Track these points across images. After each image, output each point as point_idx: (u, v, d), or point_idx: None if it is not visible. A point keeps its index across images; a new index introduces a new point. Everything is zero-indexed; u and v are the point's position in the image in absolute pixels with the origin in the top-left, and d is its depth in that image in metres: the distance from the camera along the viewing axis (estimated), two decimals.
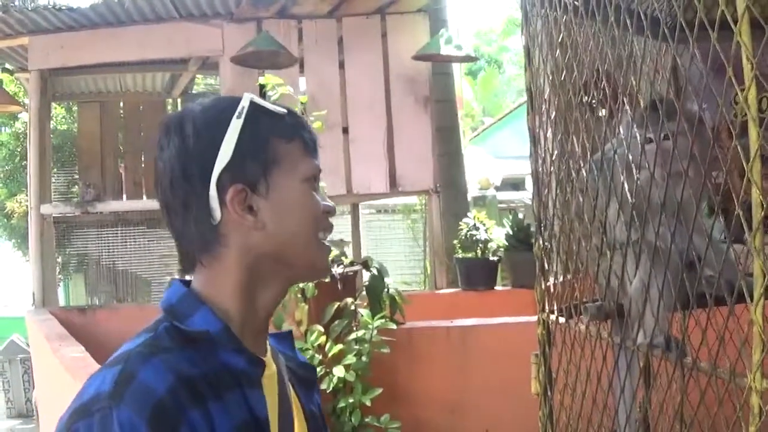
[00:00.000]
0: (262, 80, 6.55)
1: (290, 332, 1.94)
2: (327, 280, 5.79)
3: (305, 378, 1.88)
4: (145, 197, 12.13)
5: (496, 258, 8.49)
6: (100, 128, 12.38)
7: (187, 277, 1.72)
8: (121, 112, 12.86)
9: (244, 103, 1.64)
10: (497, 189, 17.60)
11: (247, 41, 8.54)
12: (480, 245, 8.39)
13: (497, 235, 8.55)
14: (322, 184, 1.97)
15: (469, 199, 11.79)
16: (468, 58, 9.44)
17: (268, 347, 1.76)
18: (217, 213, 1.61)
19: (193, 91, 12.96)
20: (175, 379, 1.49)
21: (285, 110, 1.69)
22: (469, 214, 9.00)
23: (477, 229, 8.41)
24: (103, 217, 11.94)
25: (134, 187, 12.38)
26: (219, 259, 1.64)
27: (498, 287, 8.63)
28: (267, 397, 1.66)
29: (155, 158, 1.67)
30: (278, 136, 1.65)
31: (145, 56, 9.78)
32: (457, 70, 15.61)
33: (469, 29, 41.75)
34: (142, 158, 12.56)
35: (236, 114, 1.62)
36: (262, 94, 5.95)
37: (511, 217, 8.88)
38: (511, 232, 8.33)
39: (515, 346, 4.40)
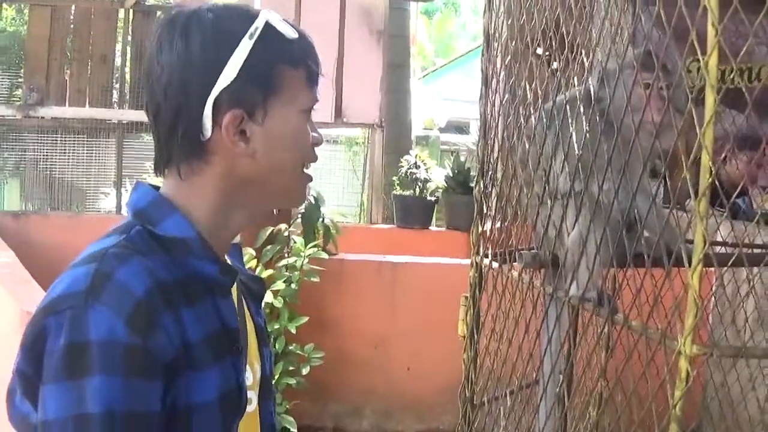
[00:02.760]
0: None
1: (239, 245, 1.90)
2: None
3: (255, 291, 1.87)
4: (88, 105, 11.94)
5: (433, 198, 8.48)
6: (50, 32, 12.12)
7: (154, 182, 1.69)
8: (72, 17, 12.61)
9: (259, 24, 1.57)
10: (441, 130, 17.60)
11: None
12: (419, 184, 8.38)
13: (437, 175, 8.54)
14: None
15: (412, 137, 11.76)
16: None
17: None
18: (208, 132, 1.56)
19: (147, 3, 12.75)
20: (152, 282, 1.46)
21: (296, 34, 1.62)
22: (411, 152, 8.98)
23: (418, 167, 8.40)
24: (43, 123, 11.72)
25: (78, 94, 12.15)
26: (199, 175, 1.60)
27: (433, 227, 8.63)
28: None
29: (150, 57, 1.61)
30: (285, 63, 1.60)
31: None
32: (414, 7, 15.50)
33: None
34: (89, 66, 12.34)
35: (248, 34, 1.56)
36: None
37: (452, 158, 8.86)
38: (451, 174, 8.32)
39: (445, 287, 4.42)
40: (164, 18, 1.62)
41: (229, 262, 1.73)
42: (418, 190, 8.40)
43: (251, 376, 1.75)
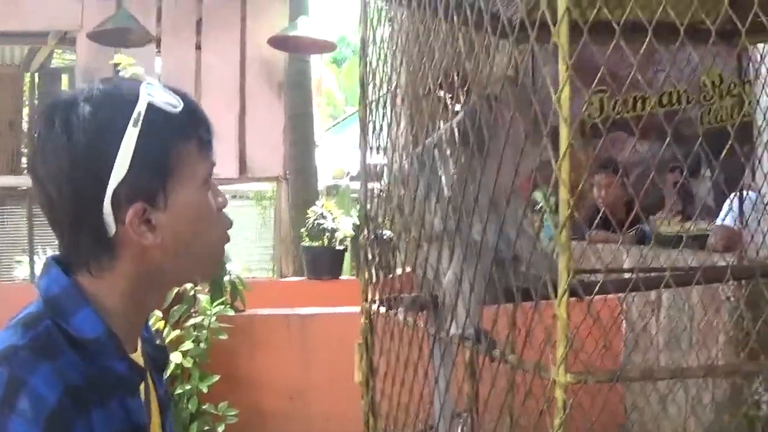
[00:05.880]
0: (117, 58, 6.48)
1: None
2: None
3: (159, 361, 1.81)
4: None
5: (342, 247, 8.48)
6: None
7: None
8: None
9: (140, 107, 1.49)
10: (352, 178, 17.62)
11: (105, 17, 8.39)
12: (327, 234, 8.37)
13: (345, 224, 8.54)
14: None
15: (322, 188, 11.77)
16: (326, 46, 9.35)
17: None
18: (112, 229, 1.50)
19: (52, 66, 12.69)
20: (63, 389, 1.42)
21: (180, 105, 1.55)
22: (317, 202, 8.99)
23: (324, 217, 8.39)
24: None
25: None
26: (110, 270, 1.55)
27: (346, 276, 8.63)
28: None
29: (35, 148, 1.53)
30: (176, 141, 1.54)
31: (3, 28, 9.50)
32: (318, 57, 15.57)
33: (335, 18, 41.53)
34: None
35: (132, 121, 1.47)
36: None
37: (358, 206, 8.89)
38: (357, 222, 8.34)
39: (353, 334, 4.42)
40: (41, 111, 1.54)
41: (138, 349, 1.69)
42: (326, 240, 8.39)
43: None
